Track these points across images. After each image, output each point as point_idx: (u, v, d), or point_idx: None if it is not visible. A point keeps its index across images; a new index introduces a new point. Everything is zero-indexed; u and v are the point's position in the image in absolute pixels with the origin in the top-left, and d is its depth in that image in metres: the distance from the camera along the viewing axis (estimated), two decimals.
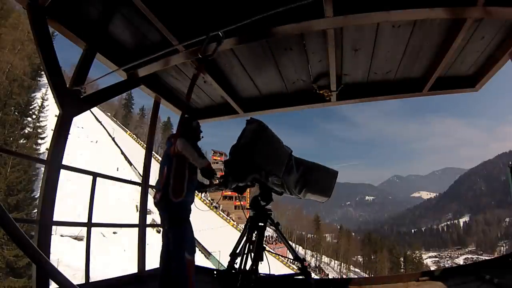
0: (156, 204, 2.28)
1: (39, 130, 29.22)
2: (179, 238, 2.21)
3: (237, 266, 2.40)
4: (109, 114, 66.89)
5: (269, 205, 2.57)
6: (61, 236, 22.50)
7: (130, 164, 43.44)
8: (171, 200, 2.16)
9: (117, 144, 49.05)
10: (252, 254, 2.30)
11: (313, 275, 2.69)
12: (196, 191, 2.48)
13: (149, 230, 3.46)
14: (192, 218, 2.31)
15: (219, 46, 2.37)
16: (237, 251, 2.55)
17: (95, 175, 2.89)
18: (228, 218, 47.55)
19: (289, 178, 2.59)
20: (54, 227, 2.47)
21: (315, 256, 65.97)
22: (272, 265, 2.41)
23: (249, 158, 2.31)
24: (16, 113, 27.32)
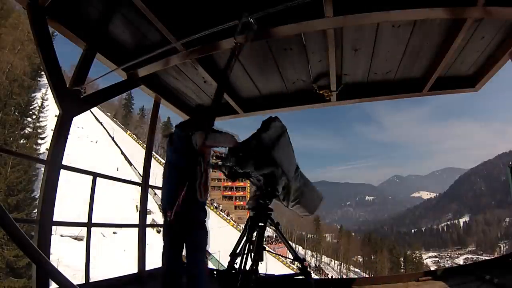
0: (179, 205, 1.95)
1: (39, 130, 29.22)
2: (202, 241, 2.06)
3: (237, 266, 2.40)
4: (109, 114, 66.87)
5: (269, 205, 2.57)
6: (61, 236, 22.51)
7: (130, 164, 43.45)
8: (198, 200, 2.02)
9: (117, 144, 49.06)
10: (252, 254, 2.30)
11: (313, 275, 2.69)
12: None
13: (149, 230, 3.46)
14: None
15: (252, 32, 2.23)
16: (237, 251, 2.55)
17: (95, 175, 2.89)
18: (228, 218, 47.55)
19: (293, 185, 2.64)
20: (54, 227, 2.47)
21: (315, 256, 65.97)
22: (272, 265, 2.41)
23: (275, 151, 2.34)
24: (16, 113, 27.32)
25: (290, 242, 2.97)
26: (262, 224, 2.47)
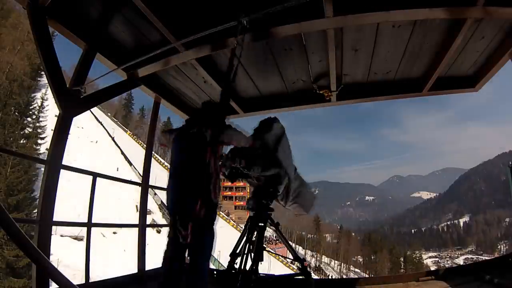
0: (197, 211, 1.83)
1: (39, 130, 29.18)
2: (207, 247, 1.94)
3: (237, 266, 2.40)
4: (109, 114, 66.84)
5: (270, 205, 2.59)
6: (61, 236, 22.49)
7: (130, 164, 43.43)
8: (212, 201, 1.90)
9: (117, 144, 49.03)
10: (252, 254, 2.30)
11: (313, 275, 2.69)
12: None
13: (149, 230, 3.46)
14: None
15: (244, 34, 2.17)
16: (237, 251, 2.55)
17: (95, 175, 2.89)
18: (228, 218, 47.54)
19: (293, 185, 2.70)
20: (54, 227, 2.47)
21: (315, 256, 66.00)
22: (272, 265, 2.41)
23: (278, 152, 2.42)
24: (16, 113, 27.30)
25: (290, 242, 2.98)
26: (262, 224, 2.47)
